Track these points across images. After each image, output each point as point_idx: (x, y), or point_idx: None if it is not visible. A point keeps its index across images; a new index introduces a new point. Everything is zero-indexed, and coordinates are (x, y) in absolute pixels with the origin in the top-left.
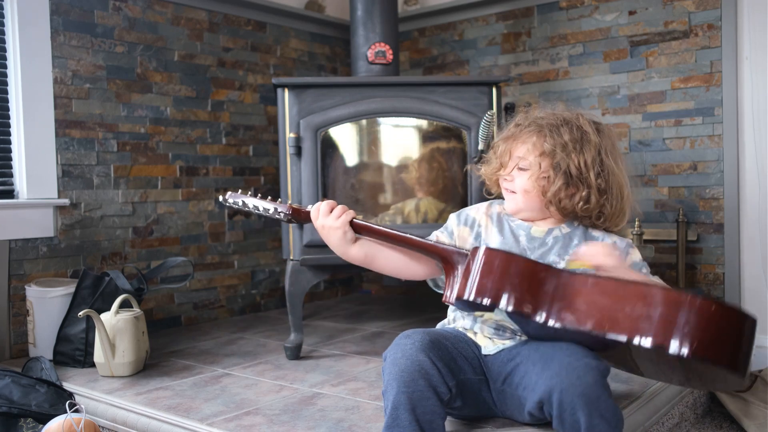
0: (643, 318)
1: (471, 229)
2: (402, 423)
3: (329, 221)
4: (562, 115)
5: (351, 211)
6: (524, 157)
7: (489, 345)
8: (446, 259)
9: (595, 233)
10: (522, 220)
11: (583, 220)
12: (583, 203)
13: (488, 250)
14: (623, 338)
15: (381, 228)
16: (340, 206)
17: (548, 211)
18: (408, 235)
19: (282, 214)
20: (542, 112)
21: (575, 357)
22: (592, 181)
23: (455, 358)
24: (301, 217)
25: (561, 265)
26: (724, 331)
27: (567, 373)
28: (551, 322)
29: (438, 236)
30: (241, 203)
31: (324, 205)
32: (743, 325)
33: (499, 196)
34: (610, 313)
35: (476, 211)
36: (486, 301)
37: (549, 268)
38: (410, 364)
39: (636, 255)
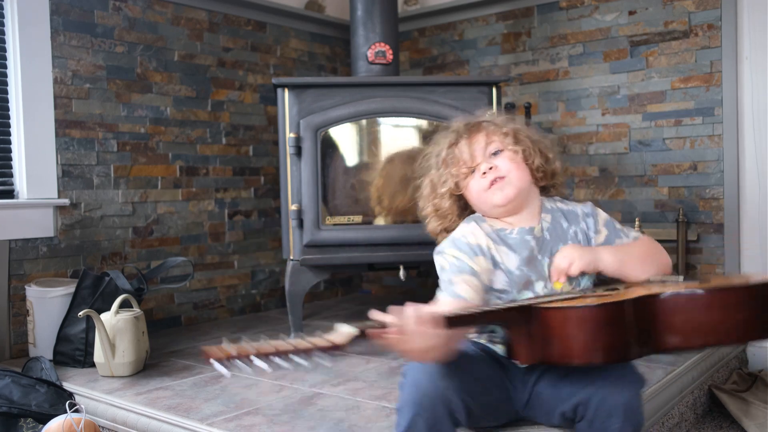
0: (753, 318)
1: (485, 256)
2: None
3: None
4: (477, 116)
5: (438, 311)
6: (490, 141)
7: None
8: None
9: (564, 206)
10: (502, 220)
11: (550, 189)
12: (552, 163)
13: (588, 310)
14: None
15: (475, 311)
16: (427, 310)
17: (534, 188)
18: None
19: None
20: (453, 126)
21: (620, 367)
22: (540, 141)
23: (480, 379)
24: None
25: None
26: None
27: (612, 381)
28: (653, 350)
29: (458, 279)
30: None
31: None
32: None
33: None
34: (724, 325)
35: (474, 236)
36: (613, 359)
37: (631, 301)
38: (432, 389)
39: (603, 213)
